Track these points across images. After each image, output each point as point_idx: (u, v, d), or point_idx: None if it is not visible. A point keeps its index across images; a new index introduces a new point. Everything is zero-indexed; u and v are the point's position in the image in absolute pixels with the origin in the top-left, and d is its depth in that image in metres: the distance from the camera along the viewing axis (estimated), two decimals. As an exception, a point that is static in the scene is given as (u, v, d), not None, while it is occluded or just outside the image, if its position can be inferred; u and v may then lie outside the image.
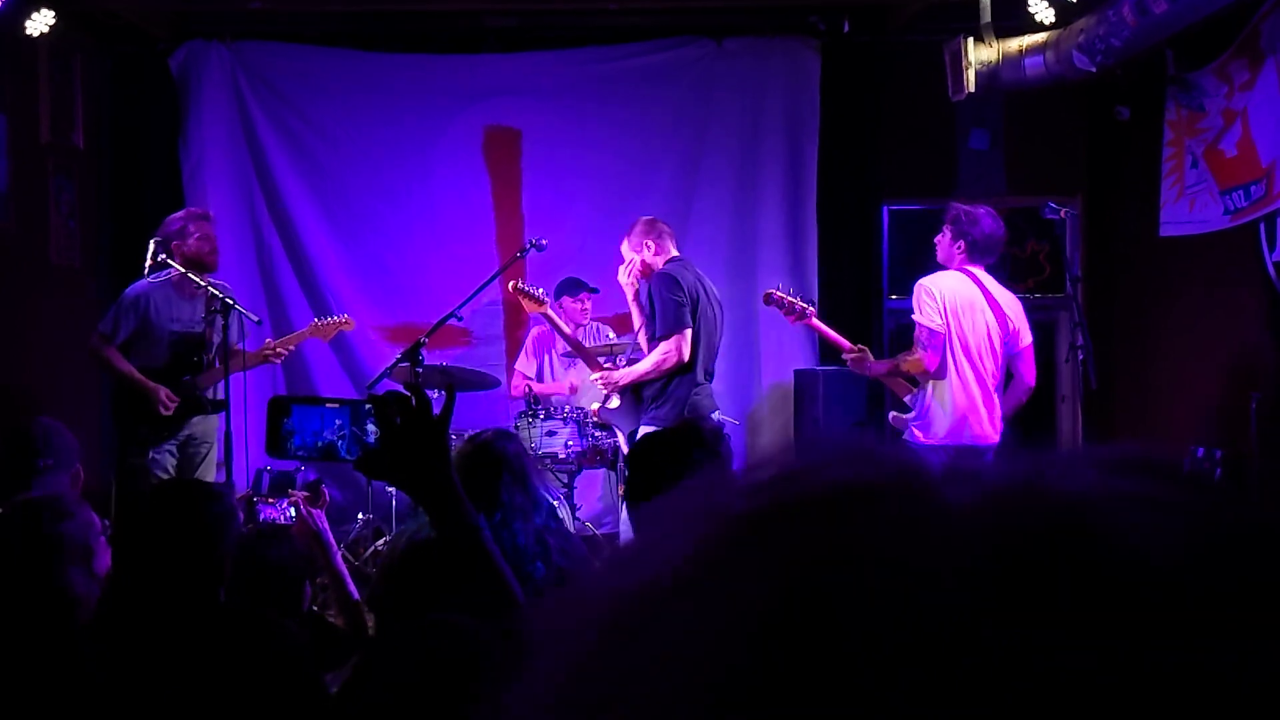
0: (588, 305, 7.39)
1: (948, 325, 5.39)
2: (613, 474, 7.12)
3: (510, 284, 6.86)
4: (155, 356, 6.03)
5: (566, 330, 6.80)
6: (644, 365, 5.73)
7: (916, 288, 5.52)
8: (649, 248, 5.97)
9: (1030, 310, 8.19)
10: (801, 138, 8.13)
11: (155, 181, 7.85)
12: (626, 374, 5.91)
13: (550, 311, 6.54)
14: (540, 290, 6.71)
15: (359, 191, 8.09)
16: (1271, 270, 6.28)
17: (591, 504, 7.73)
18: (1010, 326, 5.55)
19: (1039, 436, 8.32)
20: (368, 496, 7.10)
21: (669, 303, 5.62)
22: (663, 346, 5.64)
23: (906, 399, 5.67)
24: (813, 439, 0.48)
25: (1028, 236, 8.29)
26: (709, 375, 5.85)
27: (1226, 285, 6.86)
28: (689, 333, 5.65)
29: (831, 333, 6.06)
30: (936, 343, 5.38)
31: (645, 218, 6.20)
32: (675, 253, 6.04)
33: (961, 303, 5.43)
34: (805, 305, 5.98)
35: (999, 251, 5.65)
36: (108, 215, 7.89)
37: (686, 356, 5.65)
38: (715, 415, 5.73)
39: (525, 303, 6.64)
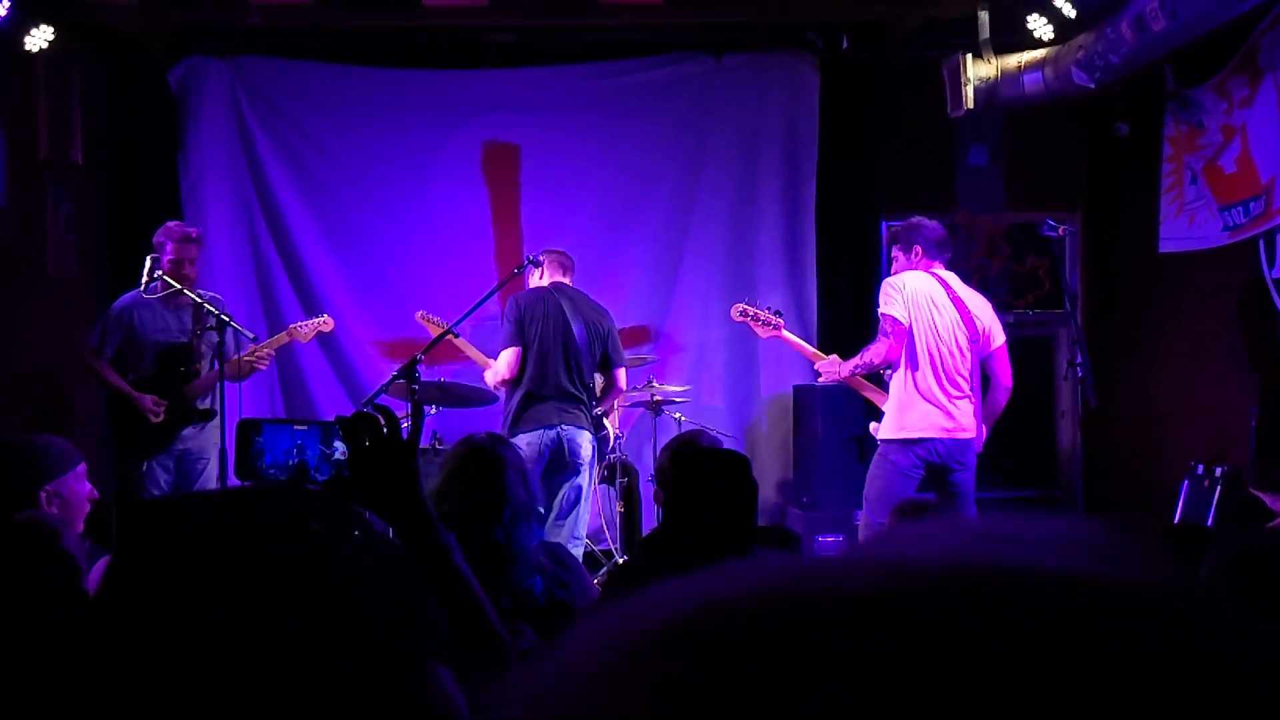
0: None
1: (912, 317, 5.41)
2: (611, 489, 7.10)
3: (418, 315, 7.00)
4: (144, 368, 6.11)
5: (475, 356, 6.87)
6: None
7: (883, 284, 5.58)
8: (540, 277, 6.27)
9: (1029, 326, 8.25)
10: (800, 153, 8.14)
11: (153, 195, 7.84)
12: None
13: (459, 341, 6.63)
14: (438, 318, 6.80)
15: (357, 206, 8.09)
16: (1271, 286, 6.28)
17: (590, 519, 7.70)
18: (980, 328, 5.58)
19: (1039, 452, 8.32)
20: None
21: (501, 325, 6.07)
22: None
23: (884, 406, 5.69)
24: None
25: (1027, 252, 8.29)
26: (559, 393, 5.93)
27: (1226, 301, 6.85)
28: (508, 351, 5.92)
29: (802, 345, 6.10)
30: (900, 331, 5.41)
31: (545, 250, 6.44)
32: (559, 279, 6.11)
33: (924, 298, 5.47)
34: (773, 317, 6.00)
35: (951, 246, 5.73)
36: (105, 228, 7.89)
37: (505, 373, 5.94)
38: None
39: (431, 329, 6.79)
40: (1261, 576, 1.90)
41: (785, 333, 6.04)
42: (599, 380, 6.23)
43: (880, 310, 5.50)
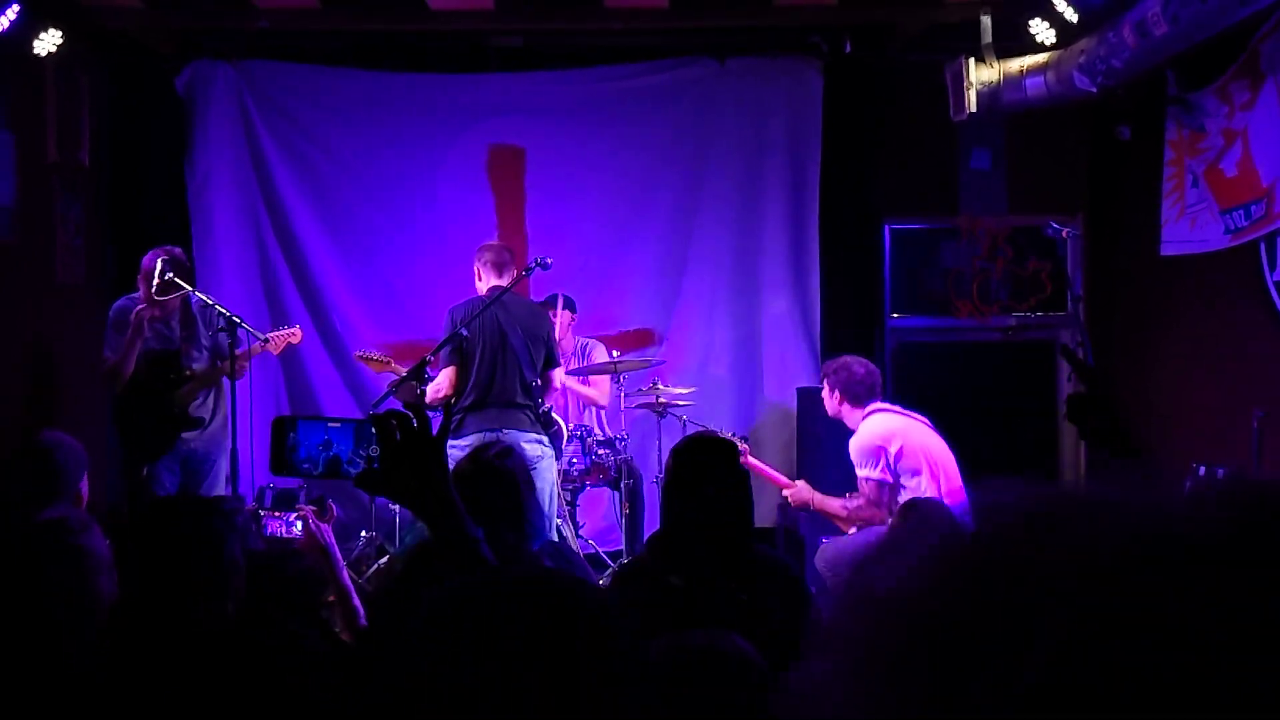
0: (562, 319, 7.34)
1: (899, 464, 5.53)
2: (616, 492, 7.13)
3: (356, 355, 7.17)
4: (135, 374, 6.18)
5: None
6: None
7: (853, 450, 5.65)
8: (478, 276, 6.26)
9: (1031, 329, 8.29)
10: (804, 156, 8.17)
11: (160, 199, 7.88)
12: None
13: (396, 366, 6.74)
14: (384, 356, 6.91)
15: (363, 210, 8.13)
16: (1272, 289, 6.31)
17: (595, 521, 7.74)
18: (936, 433, 5.76)
19: (1041, 455, 8.35)
20: (371, 514, 7.12)
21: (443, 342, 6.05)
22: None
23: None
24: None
25: (1029, 255, 8.33)
26: (500, 400, 6.01)
27: (1227, 304, 6.88)
28: (446, 370, 5.99)
29: (770, 472, 6.15)
30: (884, 497, 5.54)
31: (481, 245, 6.43)
32: (497, 282, 6.14)
33: (894, 433, 5.61)
34: (738, 442, 6.01)
35: (878, 390, 5.84)
36: (113, 233, 7.92)
37: (445, 389, 5.99)
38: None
39: (372, 366, 6.87)
40: (1244, 511, 1.91)
41: (751, 459, 5.99)
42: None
43: (860, 472, 5.60)
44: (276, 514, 3.43)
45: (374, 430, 1.90)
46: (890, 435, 5.60)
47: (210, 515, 2.59)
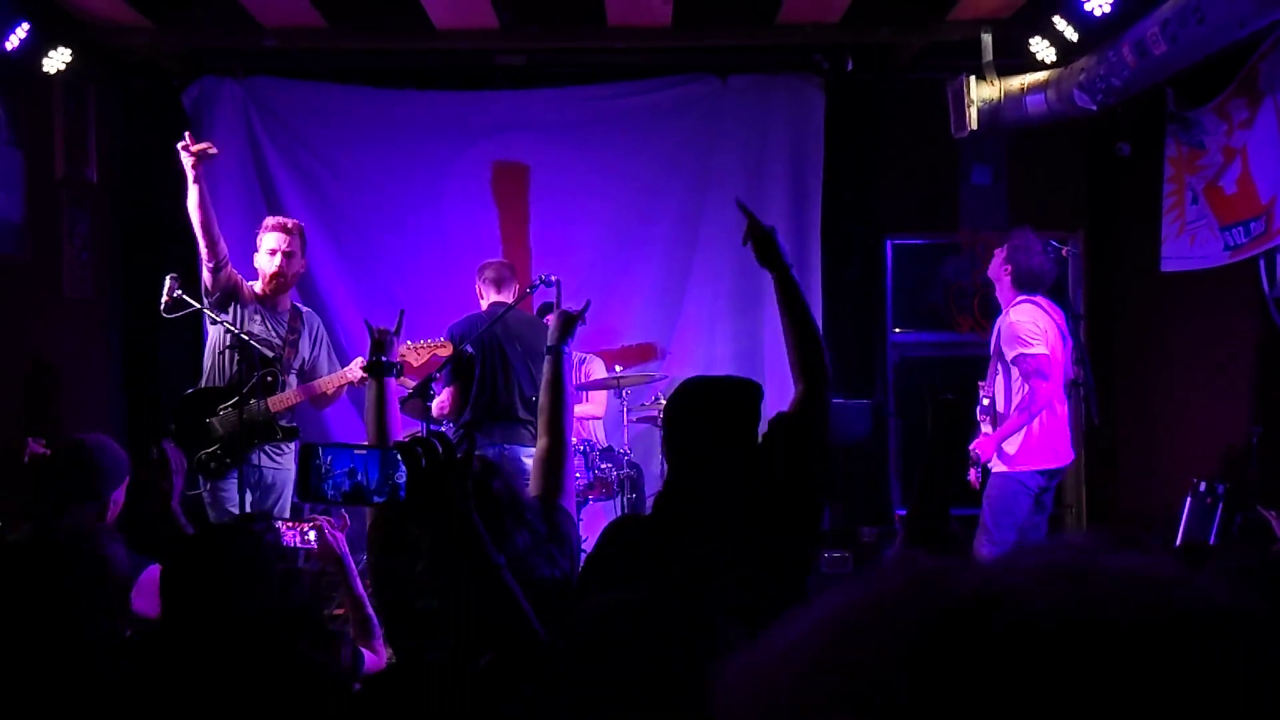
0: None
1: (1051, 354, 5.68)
2: (619, 498, 7.16)
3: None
4: (219, 364, 5.91)
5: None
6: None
7: (1009, 325, 5.76)
8: (480, 294, 6.40)
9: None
10: (806, 173, 8.22)
11: (167, 214, 7.90)
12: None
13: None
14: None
15: (368, 226, 8.17)
16: (1271, 306, 6.35)
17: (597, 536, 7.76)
18: (1068, 342, 5.89)
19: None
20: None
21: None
22: None
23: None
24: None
25: (1030, 271, 8.36)
26: (502, 415, 6.10)
27: (1227, 321, 6.92)
28: (446, 390, 6.08)
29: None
30: (1047, 369, 5.65)
31: (481, 263, 6.59)
32: (497, 298, 6.20)
33: (1051, 329, 5.70)
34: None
35: (1044, 287, 5.94)
36: (120, 248, 7.97)
37: (447, 409, 6.10)
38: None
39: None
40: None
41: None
42: None
43: (1022, 352, 5.68)
44: (290, 525, 3.47)
45: (400, 457, 1.92)
46: (1045, 324, 5.75)
47: (259, 547, 2.61)
